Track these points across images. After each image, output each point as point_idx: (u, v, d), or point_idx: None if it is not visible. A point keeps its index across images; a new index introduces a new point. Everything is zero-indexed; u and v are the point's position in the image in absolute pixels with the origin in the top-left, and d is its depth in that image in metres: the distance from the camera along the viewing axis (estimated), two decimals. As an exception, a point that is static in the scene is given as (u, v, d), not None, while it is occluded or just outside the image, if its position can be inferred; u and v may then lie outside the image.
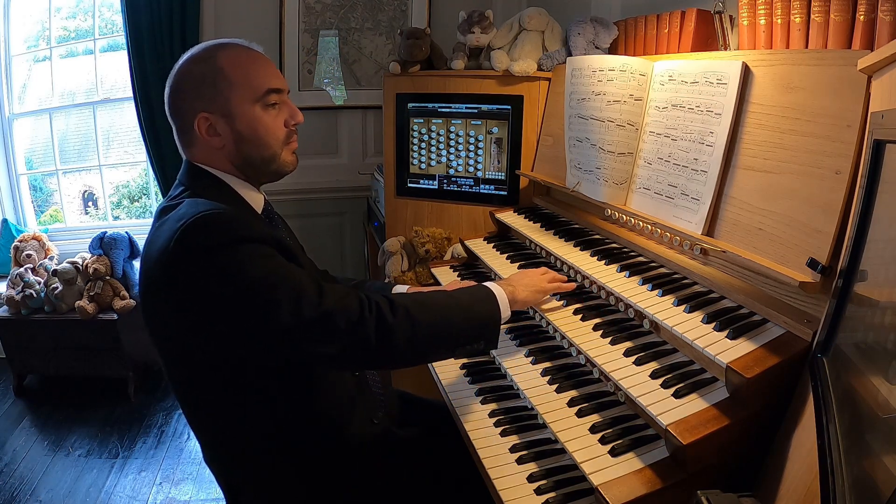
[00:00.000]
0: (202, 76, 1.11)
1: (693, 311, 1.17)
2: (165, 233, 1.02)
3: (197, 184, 1.15)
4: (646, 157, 1.48)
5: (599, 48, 1.86)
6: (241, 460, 1.18)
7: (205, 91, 1.11)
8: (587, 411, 1.15)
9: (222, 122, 1.12)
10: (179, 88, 1.13)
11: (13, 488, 2.30)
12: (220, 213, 1.02)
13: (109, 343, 2.87)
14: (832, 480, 0.70)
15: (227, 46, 1.15)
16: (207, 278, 0.98)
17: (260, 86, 1.13)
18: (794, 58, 1.16)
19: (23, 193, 3.40)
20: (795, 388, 0.99)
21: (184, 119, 1.14)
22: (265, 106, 1.14)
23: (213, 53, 1.13)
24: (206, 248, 0.98)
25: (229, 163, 1.16)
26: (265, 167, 1.18)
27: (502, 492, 1.07)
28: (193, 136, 1.14)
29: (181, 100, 1.13)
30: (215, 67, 1.11)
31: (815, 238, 1.03)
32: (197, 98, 1.11)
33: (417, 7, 3.08)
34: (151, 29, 2.82)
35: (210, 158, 1.16)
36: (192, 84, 1.12)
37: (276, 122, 1.16)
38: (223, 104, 1.11)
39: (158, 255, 1.02)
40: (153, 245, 1.06)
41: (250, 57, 1.15)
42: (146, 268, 1.07)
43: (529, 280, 1.37)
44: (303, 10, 3.02)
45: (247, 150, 1.15)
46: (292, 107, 1.20)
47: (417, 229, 2.13)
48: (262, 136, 1.15)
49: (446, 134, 2.10)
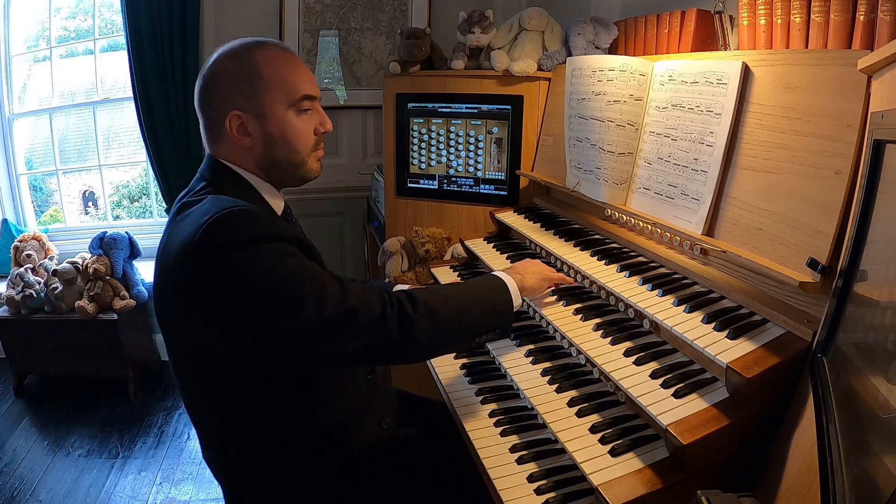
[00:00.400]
0: (239, 73, 1.10)
1: (693, 311, 1.17)
2: (188, 227, 1.01)
3: (220, 180, 1.14)
4: (646, 157, 1.48)
5: (599, 48, 1.86)
6: (244, 459, 1.18)
7: (241, 88, 1.10)
8: (587, 411, 1.15)
9: (254, 122, 1.12)
10: (213, 83, 1.12)
11: (13, 488, 2.30)
12: (245, 210, 1.02)
13: (109, 343, 2.87)
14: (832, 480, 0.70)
15: (265, 46, 1.14)
16: (232, 274, 0.98)
17: (296, 90, 1.13)
18: (794, 58, 1.16)
19: (23, 193, 3.41)
20: (795, 387, 0.99)
21: (214, 114, 1.13)
22: (298, 111, 1.14)
23: (250, 51, 1.12)
24: (232, 244, 0.98)
25: (255, 164, 1.16)
26: (291, 172, 1.18)
27: (502, 492, 1.07)
28: (222, 133, 1.13)
29: (214, 95, 1.12)
30: (253, 65, 1.11)
31: (815, 238, 1.03)
32: (232, 94, 1.11)
33: (417, 7, 3.08)
34: (151, 29, 2.82)
35: (236, 157, 1.15)
36: (228, 80, 1.11)
37: (306, 128, 1.16)
38: (257, 104, 1.11)
39: (181, 248, 1.00)
40: (173, 238, 1.04)
41: (288, 59, 1.14)
42: (164, 262, 1.06)
43: (535, 268, 1.38)
44: (303, 10, 3.02)
45: (275, 153, 1.15)
46: (323, 114, 1.20)
47: (417, 229, 2.13)
48: (292, 140, 1.15)
49: (446, 134, 2.10)
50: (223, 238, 0.98)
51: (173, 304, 1.07)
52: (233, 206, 1.02)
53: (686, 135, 1.35)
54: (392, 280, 2.13)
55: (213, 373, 1.10)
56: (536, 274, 1.36)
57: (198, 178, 1.17)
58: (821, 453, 0.75)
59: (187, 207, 1.08)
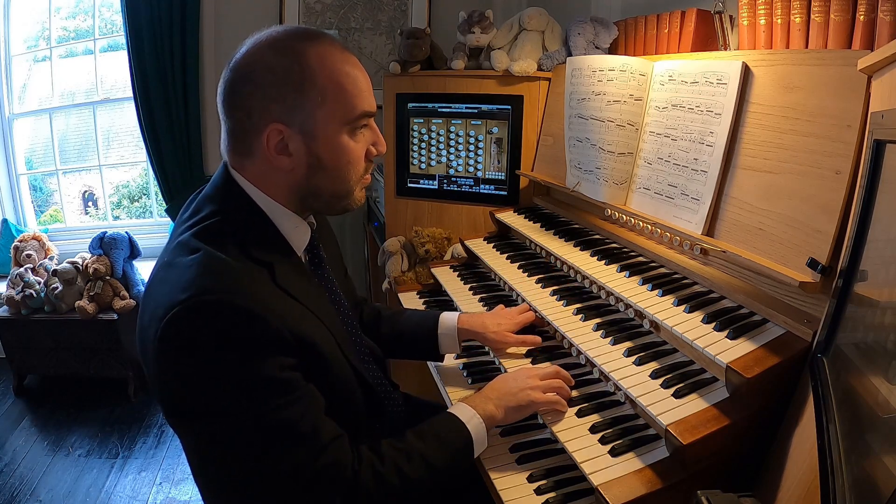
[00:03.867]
0: (285, 74, 0.89)
1: (693, 311, 1.17)
2: (166, 292, 0.85)
3: (230, 207, 0.94)
4: (646, 156, 1.48)
5: (599, 48, 1.86)
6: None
7: (285, 94, 0.89)
8: (587, 411, 1.15)
9: (298, 141, 0.91)
10: (249, 81, 0.90)
11: (13, 488, 2.30)
12: (222, 304, 0.82)
13: (109, 343, 2.87)
14: (832, 480, 0.70)
15: (318, 41, 0.92)
16: (196, 382, 0.84)
17: (355, 105, 0.93)
18: (794, 58, 1.16)
19: (23, 193, 3.41)
20: (795, 388, 0.99)
21: (246, 122, 0.91)
22: (353, 130, 0.95)
23: (301, 47, 0.90)
24: (196, 349, 0.82)
25: (287, 189, 0.96)
26: (332, 202, 1.00)
27: (502, 492, 1.07)
28: (254, 147, 0.93)
29: (249, 97, 0.90)
30: (305, 67, 0.89)
31: (815, 238, 1.03)
32: (274, 100, 0.89)
33: (417, 7, 3.08)
34: (151, 29, 2.82)
35: (263, 178, 0.95)
36: (270, 80, 0.89)
37: (359, 151, 0.97)
38: (305, 118, 0.90)
39: (152, 321, 0.85)
40: (152, 296, 0.89)
41: (347, 62, 0.93)
42: (143, 324, 0.90)
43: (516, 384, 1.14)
44: (303, 10, 3.02)
45: (318, 181, 0.95)
46: (377, 133, 0.99)
47: (417, 229, 2.13)
48: (343, 166, 0.95)
49: (446, 134, 2.10)
50: (189, 338, 0.82)
51: (157, 382, 0.91)
52: (211, 286, 0.83)
53: (686, 135, 1.35)
54: (392, 280, 2.13)
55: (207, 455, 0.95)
56: (513, 402, 1.12)
57: (205, 194, 0.98)
58: (821, 453, 0.75)
59: (179, 251, 0.90)
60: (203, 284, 0.84)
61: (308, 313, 0.95)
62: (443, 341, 1.37)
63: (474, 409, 1.10)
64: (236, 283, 0.86)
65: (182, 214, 1.01)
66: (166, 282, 0.88)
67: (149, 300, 0.91)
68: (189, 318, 0.82)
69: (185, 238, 0.92)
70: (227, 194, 0.96)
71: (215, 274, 0.86)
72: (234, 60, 0.92)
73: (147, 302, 0.92)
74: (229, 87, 0.92)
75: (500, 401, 1.12)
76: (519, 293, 1.52)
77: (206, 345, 0.83)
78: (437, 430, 1.05)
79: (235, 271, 0.88)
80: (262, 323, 0.84)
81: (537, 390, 1.13)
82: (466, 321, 1.37)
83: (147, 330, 0.88)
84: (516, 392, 1.13)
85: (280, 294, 0.92)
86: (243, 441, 0.86)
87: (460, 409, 1.10)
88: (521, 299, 1.53)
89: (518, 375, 1.18)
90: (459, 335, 1.36)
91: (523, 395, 1.12)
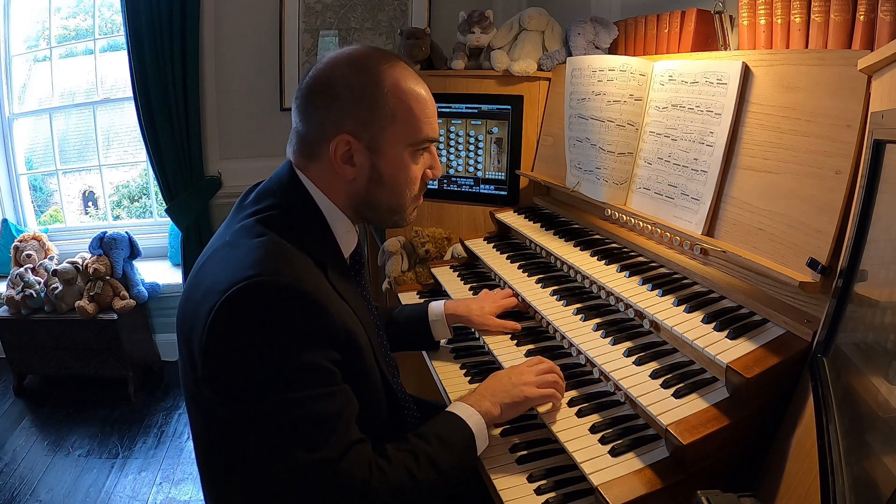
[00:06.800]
0: (363, 92, 0.96)
1: (693, 311, 1.17)
2: (227, 269, 0.89)
3: (292, 202, 1.00)
4: (646, 157, 1.48)
5: (599, 48, 1.86)
6: None
7: (360, 111, 0.96)
8: (587, 411, 1.15)
9: (363, 154, 0.98)
10: (329, 93, 0.97)
11: (13, 488, 2.31)
12: (287, 288, 0.87)
13: (109, 343, 2.87)
14: (832, 480, 0.70)
15: (396, 65, 0.99)
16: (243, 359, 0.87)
17: (421, 129, 1.00)
18: (794, 58, 1.16)
19: (23, 193, 3.41)
20: (795, 388, 0.99)
21: (317, 129, 0.98)
22: (415, 152, 1.02)
23: (380, 68, 0.98)
24: (256, 326, 0.86)
25: (346, 197, 1.02)
26: (385, 216, 1.07)
27: (502, 491, 1.07)
28: (321, 153, 0.99)
29: (326, 108, 0.97)
30: (381, 88, 0.97)
31: (815, 238, 1.03)
32: (348, 115, 0.96)
33: (417, 7, 3.08)
34: (151, 29, 2.82)
35: (327, 183, 1.01)
36: (346, 94, 0.96)
37: (418, 172, 1.04)
38: (374, 135, 0.97)
39: (209, 295, 0.88)
40: (210, 273, 0.92)
41: (418, 87, 1.01)
42: (195, 299, 0.93)
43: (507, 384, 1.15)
44: (303, 10, 3.02)
45: (376, 193, 1.02)
46: (436, 158, 1.07)
47: (417, 229, 2.13)
48: (402, 184, 1.02)
49: (446, 134, 2.10)
50: (247, 316, 0.86)
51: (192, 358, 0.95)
52: (274, 269, 0.87)
53: (686, 135, 1.35)
54: (392, 280, 2.13)
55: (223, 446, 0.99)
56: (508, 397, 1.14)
57: (268, 185, 1.03)
58: (821, 453, 0.75)
59: (243, 234, 0.95)
60: (271, 265, 0.88)
61: (353, 315, 0.99)
62: (435, 328, 1.46)
63: (472, 406, 1.11)
64: (301, 270, 0.91)
65: (242, 202, 1.06)
66: (229, 260, 0.92)
67: (204, 276, 0.94)
68: (253, 294, 0.86)
69: (249, 223, 0.97)
70: (291, 190, 1.01)
71: (281, 258, 0.91)
72: (315, 69, 0.99)
73: (201, 278, 0.94)
74: (308, 96, 0.99)
75: (494, 398, 1.13)
76: (519, 293, 1.52)
77: (266, 323, 0.86)
78: (440, 430, 1.06)
79: (299, 260, 0.93)
80: (322, 312, 0.89)
81: (531, 385, 1.15)
82: (452, 307, 1.46)
83: (200, 304, 0.90)
84: (510, 389, 1.15)
85: (333, 291, 0.97)
86: (279, 423, 0.88)
87: (459, 407, 1.12)
88: (521, 299, 1.53)
89: (512, 372, 1.19)
90: (448, 320, 1.45)
91: (517, 392, 1.14)
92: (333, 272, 1.00)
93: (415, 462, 0.98)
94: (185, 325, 0.96)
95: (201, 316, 0.89)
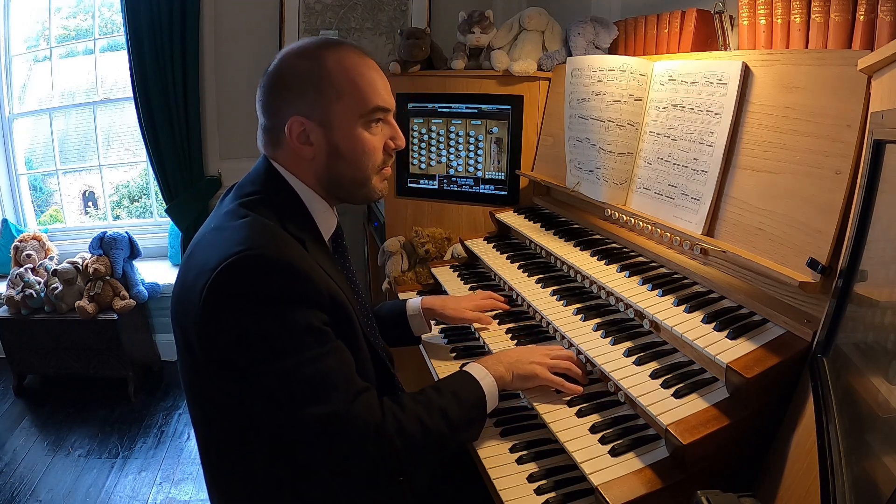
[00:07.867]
0: (307, 75, 1.02)
1: (693, 311, 1.17)
2: (216, 250, 0.94)
3: (272, 190, 1.06)
4: (646, 156, 1.48)
5: (599, 48, 1.86)
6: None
7: (306, 92, 1.02)
8: (587, 411, 1.15)
9: (318, 132, 1.04)
10: (277, 84, 1.04)
11: (13, 488, 2.31)
12: (273, 260, 0.92)
13: (109, 343, 2.88)
14: (832, 480, 0.70)
15: (337, 47, 1.05)
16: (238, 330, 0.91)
17: (368, 100, 1.05)
18: (794, 58, 1.15)
19: (23, 193, 3.41)
20: (795, 388, 0.99)
21: (275, 118, 1.05)
22: (367, 123, 1.06)
23: (321, 52, 1.04)
24: (247, 297, 0.91)
25: (314, 176, 1.08)
26: (353, 190, 1.11)
27: (502, 492, 1.07)
28: (281, 139, 1.05)
29: (277, 96, 1.04)
30: (322, 68, 1.02)
31: (815, 238, 1.03)
32: (296, 98, 1.03)
33: (417, 7, 3.08)
34: (151, 29, 2.82)
35: (295, 166, 1.07)
36: (294, 81, 1.03)
37: (375, 143, 1.08)
38: (323, 112, 1.03)
39: (201, 274, 0.93)
40: (200, 256, 0.97)
41: (362, 64, 1.06)
42: (186, 282, 0.97)
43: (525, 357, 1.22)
44: (303, 10, 3.02)
45: (338, 168, 1.07)
46: (395, 129, 1.12)
47: (417, 229, 2.13)
48: (359, 155, 1.07)
49: (446, 134, 2.10)
50: (239, 289, 0.91)
51: (188, 343, 0.99)
52: (261, 245, 0.93)
53: (686, 135, 1.35)
54: (392, 280, 2.13)
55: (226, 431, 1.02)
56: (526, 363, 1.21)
57: (251, 178, 1.09)
58: (821, 453, 0.75)
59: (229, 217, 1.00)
60: (256, 241, 0.94)
61: (335, 285, 1.03)
62: (413, 322, 1.49)
63: (487, 369, 1.18)
64: (284, 244, 0.97)
65: (224, 197, 1.13)
66: (217, 241, 0.98)
67: (195, 260, 0.99)
68: (242, 267, 0.91)
69: (233, 207, 1.04)
70: (268, 177, 1.08)
71: (265, 234, 0.97)
72: (268, 68, 1.06)
73: (192, 262, 0.99)
74: (262, 94, 1.06)
75: (510, 366, 1.20)
76: (519, 293, 1.52)
77: (257, 293, 0.92)
78: (454, 386, 1.13)
79: (282, 235, 0.99)
80: (307, 279, 0.95)
81: (543, 367, 1.21)
82: (429, 301, 1.50)
83: (192, 286, 0.95)
84: (525, 362, 1.21)
85: (316, 264, 1.01)
86: (283, 386, 0.93)
87: (474, 368, 1.18)
88: (521, 299, 1.53)
89: (533, 349, 1.27)
90: (425, 315, 1.49)
91: (529, 367, 1.20)
92: (313, 248, 1.05)
93: (427, 412, 1.05)
94: (180, 309, 1.00)
95: (195, 295, 0.94)
